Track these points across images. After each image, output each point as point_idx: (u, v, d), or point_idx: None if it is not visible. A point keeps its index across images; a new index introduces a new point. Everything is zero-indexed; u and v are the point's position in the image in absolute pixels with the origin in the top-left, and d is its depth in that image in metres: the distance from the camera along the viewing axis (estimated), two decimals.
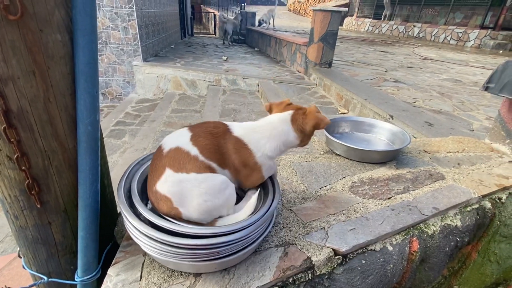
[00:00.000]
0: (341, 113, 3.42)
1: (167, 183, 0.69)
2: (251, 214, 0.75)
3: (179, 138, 0.76)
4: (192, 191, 0.70)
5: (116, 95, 5.60)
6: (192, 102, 4.85)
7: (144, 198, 0.78)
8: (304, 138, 0.86)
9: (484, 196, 1.18)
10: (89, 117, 0.64)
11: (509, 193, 1.26)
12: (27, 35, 0.53)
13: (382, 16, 13.66)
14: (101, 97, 5.58)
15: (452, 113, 2.96)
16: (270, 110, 0.91)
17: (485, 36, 9.47)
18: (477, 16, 10.13)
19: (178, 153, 0.72)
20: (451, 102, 3.36)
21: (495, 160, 1.47)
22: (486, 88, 1.45)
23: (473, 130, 2.54)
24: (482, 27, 9.82)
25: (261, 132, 0.82)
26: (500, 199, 1.23)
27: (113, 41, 5.16)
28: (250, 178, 0.83)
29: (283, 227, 0.88)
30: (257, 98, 4.56)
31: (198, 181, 0.71)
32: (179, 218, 0.70)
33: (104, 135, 3.88)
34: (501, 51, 8.90)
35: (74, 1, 0.58)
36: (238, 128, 0.81)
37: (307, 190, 1.08)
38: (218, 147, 0.77)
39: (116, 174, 2.74)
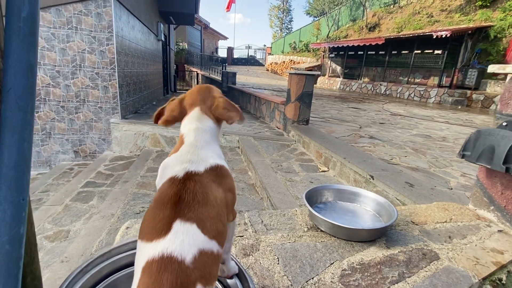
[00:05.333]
0: (322, 171, 3.39)
1: None
2: None
3: (190, 241, 0.55)
4: None
5: (90, 153, 5.36)
6: None
7: None
8: (221, 121, 0.75)
9: (484, 279, 1.07)
10: (8, 233, 0.50)
11: (508, 271, 1.17)
12: None
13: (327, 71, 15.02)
14: (73, 155, 5.31)
15: (428, 170, 3.00)
16: (172, 119, 0.73)
17: (444, 93, 10.49)
18: (434, 76, 11.38)
19: (204, 257, 0.55)
20: (426, 159, 3.46)
21: (485, 230, 1.40)
22: (463, 156, 1.46)
23: (451, 189, 2.55)
24: (440, 86, 10.95)
25: (204, 145, 0.68)
26: (500, 280, 1.12)
27: (91, 100, 5.12)
28: (235, 199, 0.71)
29: None
30: (238, 155, 4.50)
31: None
32: None
33: (70, 198, 3.56)
34: (459, 107, 9.80)
35: (5, 96, 0.48)
36: (192, 165, 0.63)
37: (291, 285, 0.92)
38: (215, 208, 0.61)
39: (75, 248, 2.41)
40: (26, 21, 0.49)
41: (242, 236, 1.17)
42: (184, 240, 0.53)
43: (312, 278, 0.97)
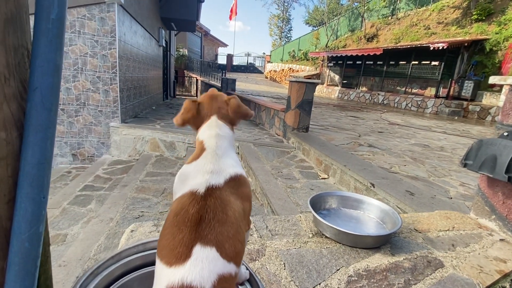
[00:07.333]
0: (322, 178, 3.40)
1: None
2: None
3: (210, 267, 0.54)
4: None
5: (88, 156, 5.33)
6: (169, 165, 4.69)
7: None
8: (235, 126, 0.79)
9: (488, 287, 1.08)
10: (28, 231, 0.50)
11: (511, 280, 1.17)
12: None
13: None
14: (71, 158, 5.28)
15: (428, 179, 3.02)
16: (192, 122, 0.75)
17: (441, 104, 10.63)
18: (431, 87, 11.54)
19: (223, 282, 0.54)
20: (425, 168, 3.48)
21: (487, 239, 1.41)
22: (465, 165, 1.48)
23: (451, 198, 2.57)
24: (437, 96, 11.10)
25: (224, 152, 0.69)
26: None
27: (92, 103, 5.12)
28: (251, 208, 0.71)
29: None
30: None
31: None
32: None
33: (67, 202, 3.53)
34: (456, 117, 9.91)
35: (31, 95, 0.49)
36: (213, 177, 0.63)
37: None
38: (233, 226, 0.60)
39: (73, 252, 2.38)
40: (55, 23, 0.50)
41: (248, 241, 1.17)
42: (204, 267, 0.53)
43: (319, 284, 0.97)
